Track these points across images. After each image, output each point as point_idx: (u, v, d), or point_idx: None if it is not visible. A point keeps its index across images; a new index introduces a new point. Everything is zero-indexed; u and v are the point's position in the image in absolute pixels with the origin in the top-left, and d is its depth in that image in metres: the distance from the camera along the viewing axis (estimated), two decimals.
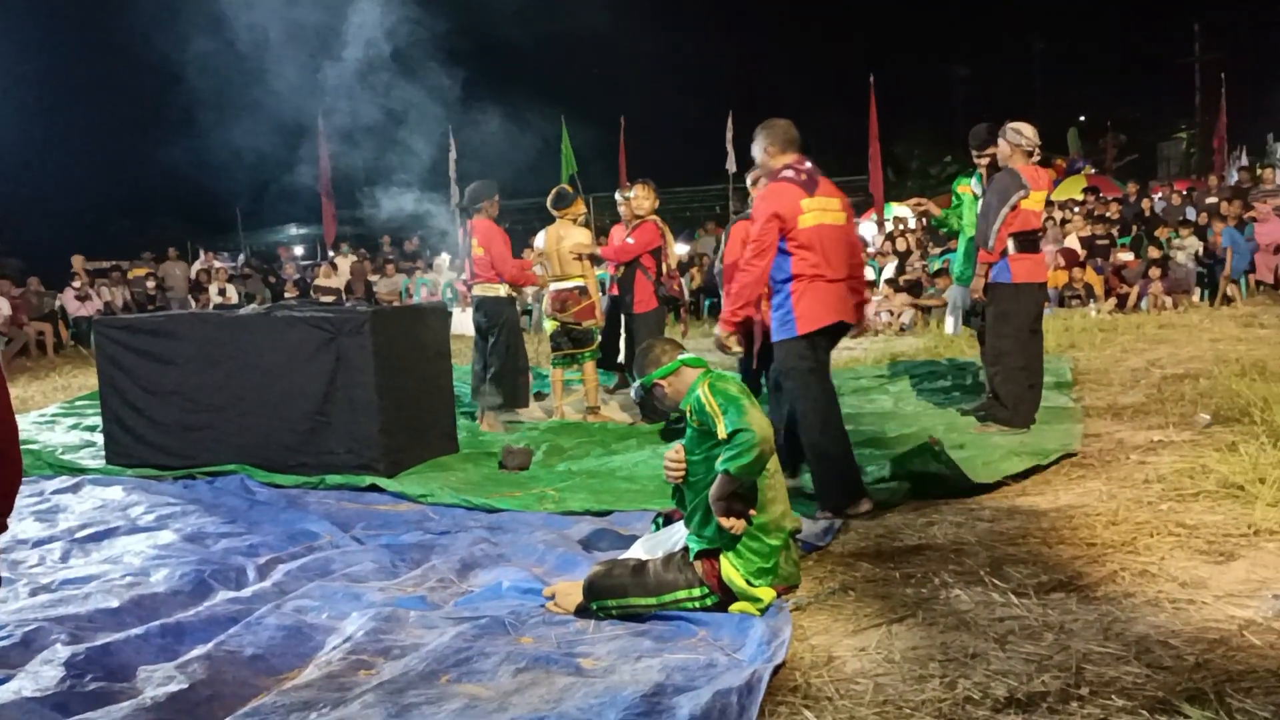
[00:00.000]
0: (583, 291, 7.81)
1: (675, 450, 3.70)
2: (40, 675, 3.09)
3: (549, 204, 8.05)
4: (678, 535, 3.78)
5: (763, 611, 3.47)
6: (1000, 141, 6.46)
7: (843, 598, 3.65)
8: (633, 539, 4.26)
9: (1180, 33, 36.07)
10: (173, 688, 3.00)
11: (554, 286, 7.91)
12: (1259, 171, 18.55)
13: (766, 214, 4.67)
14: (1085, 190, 19.81)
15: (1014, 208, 6.21)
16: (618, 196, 8.34)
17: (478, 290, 7.73)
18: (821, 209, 4.72)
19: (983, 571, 3.77)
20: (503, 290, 7.60)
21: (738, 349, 5.17)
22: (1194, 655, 2.94)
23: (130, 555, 4.64)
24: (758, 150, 4.95)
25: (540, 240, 8.10)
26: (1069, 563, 3.85)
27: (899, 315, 14.09)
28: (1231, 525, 4.11)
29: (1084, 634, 3.16)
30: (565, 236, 7.84)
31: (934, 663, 3.02)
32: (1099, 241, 15.55)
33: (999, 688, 2.81)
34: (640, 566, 3.62)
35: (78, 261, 17.93)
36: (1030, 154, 6.36)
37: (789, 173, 4.76)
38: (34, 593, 4.10)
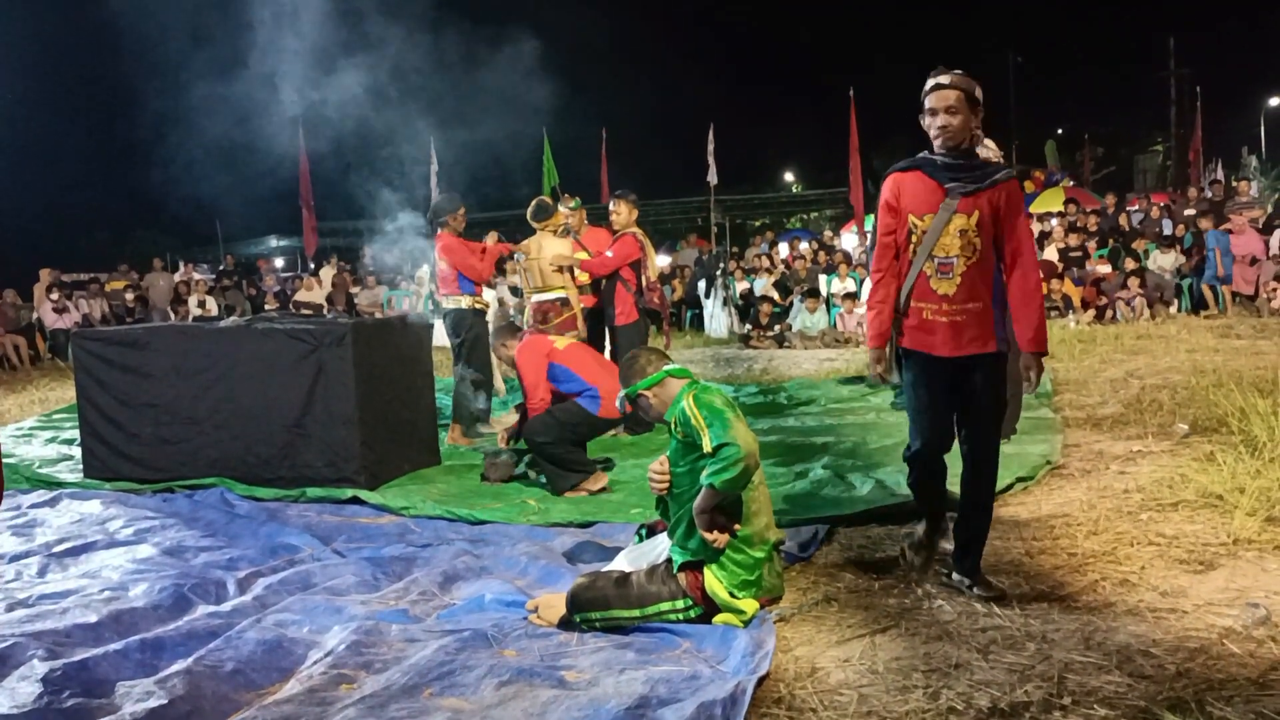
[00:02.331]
0: (564, 303, 7.84)
1: (660, 461, 3.70)
2: (17, 692, 3.06)
3: (529, 216, 8.08)
4: (661, 547, 3.78)
5: (746, 623, 3.47)
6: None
7: (826, 609, 3.65)
8: (616, 551, 4.25)
9: (1155, 47, 36.52)
10: (152, 703, 2.97)
11: (535, 298, 7.94)
12: (1234, 184, 18.75)
13: (535, 370, 5.93)
14: (1067, 202, 19.98)
15: None
16: (562, 208, 8.43)
17: (444, 303, 7.81)
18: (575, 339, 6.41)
19: (965, 582, 3.78)
20: (465, 301, 7.64)
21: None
22: (1175, 664, 2.96)
23: (108, 570, 4.60)
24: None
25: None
26: (1050, 572, 3.87)
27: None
28: (1210, 535, 4.15)
29: (1066, 644, 3.17)
30: (546, 248, 7.87)
31: (917, 673, 3.02)
32: (1072, 253, 15.67)
33: (982, 698, 2.82)
34: (623, 578, 3.61)
35: (45, 274, 17.79)
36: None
37: (527, 331, 6.27)
38: (10, 608, 4.05)
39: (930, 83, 3.64)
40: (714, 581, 3.50)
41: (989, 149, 6.53)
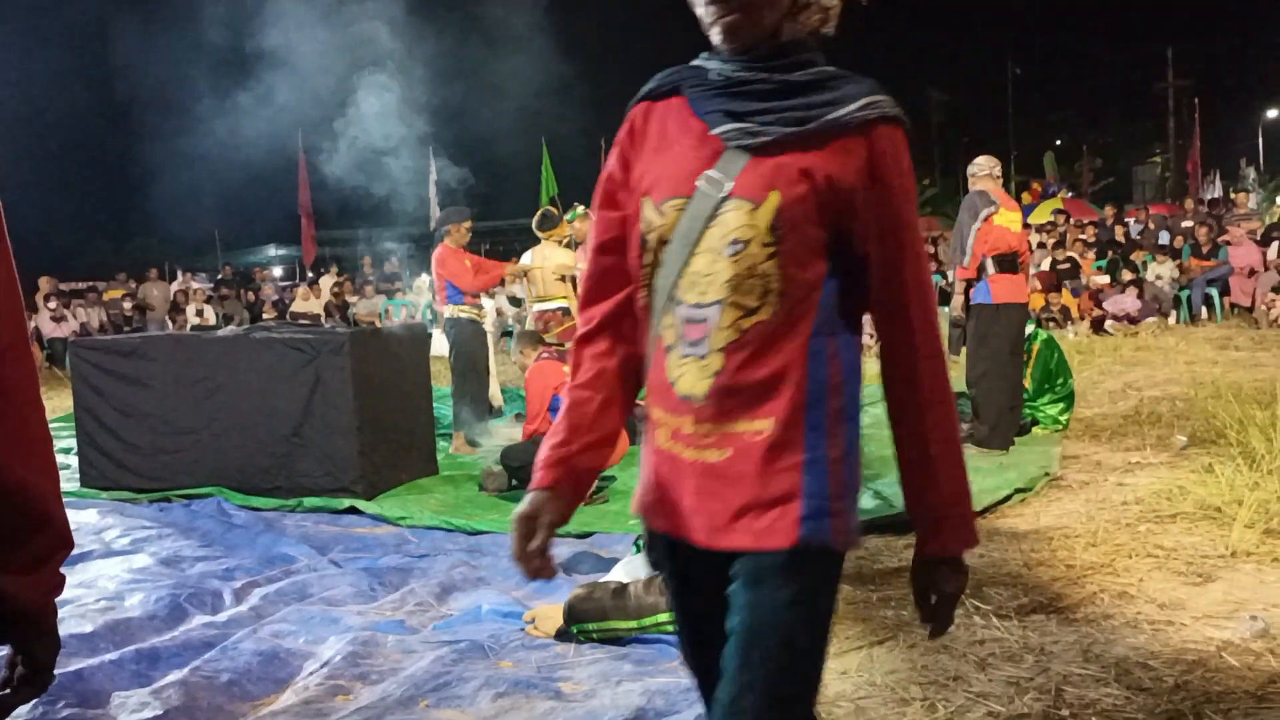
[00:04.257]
0: (565, 312, 7.87)
1: None
2: None
3: (534, 226, 8.15)
4: None
5: None
6: (969, 177, 6.74)
7: None
8: (614, 561, 4.24)
9: (1154, 58, 36.62)
10: (147, 714, 2.96)
11: (537, 308, 7.98)
12: (1232, 196, 18.80)
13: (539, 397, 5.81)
14: (1055, 212, 20.07)
15: (986, 220, 6.34)
16: (568, 216, 8.46)
17: (441, 313, 7.87)
18: None
19: (963, 594, 3.77)
20: (448, 311, 7.68)
21: None
22: (1173, 676, 2.96)
23: (105, 579, 4.58)
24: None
25: (526, 260, 8.21)
26: (1049, 584, 3.87)
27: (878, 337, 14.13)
28: (1209, 547, 4.14)
29: (1064, 656, 3.16)
30: (549, 258, 7.92)
31: (915, 685, 3.01)
32: (1060, 265, 15.68)
33: (979, 710, 2.81)
34: (621, 589, 3.60)
35: (45, 282, 17.80)
36: (997, 178, 6.61)
37: (546, 353, 6.05)
38: None
39: None
40: None
41: (982, 166, 6.66)
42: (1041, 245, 16.88)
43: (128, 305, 18.63)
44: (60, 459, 6.94)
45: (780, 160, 1.47)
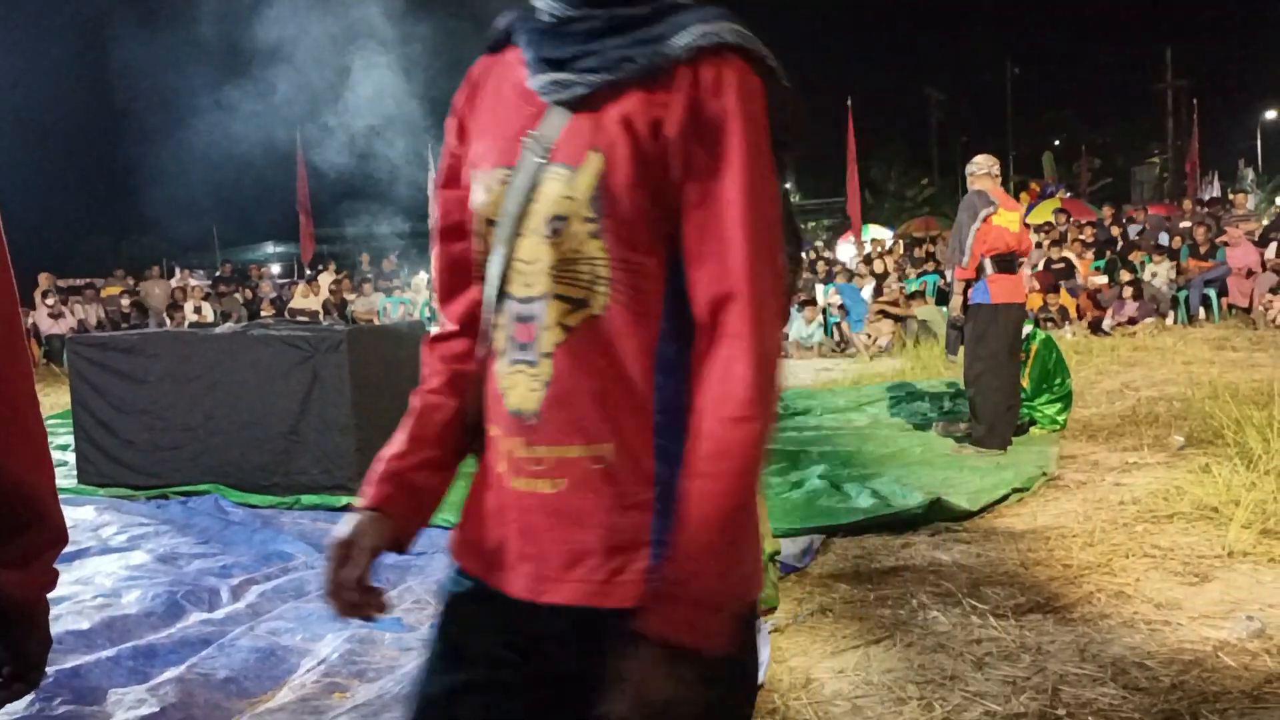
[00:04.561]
0: None
1: None
2: None
3: None
4: None
5: None
6: (968, 176, 6.76)
7: (821, 619, 3.65)
8: None
9: (1152, 59, 36.69)
10: (144, 711, 2.96)
11: None
12: (1230, 196, 18.83)
13: None
14: (1056, 212, 20.10)
15: (984, 220, 6.35)
16: None
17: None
18: None
19: (960, 593, 3.78)
20: None
21: None
22: (1169, 676, 2.96)
23: (101, 576, 4.58)
24: None
25: None
26: (1045, 584, 3.87)
27: (876, 338, 14.16)
28: (1205, 547, 4.14)
29: (1060, 655, 3.17)
30: None
31: (912, 684, 3.02)
32: (1054, 265, 15.69)
33: (976, 709, 2.82)
34: None
35: (44, 279, 17.80)
36: (995, 177, 6.61)
37: None
38: None
39: None
40: None
41: (980, 165, 6.67)
42: (1039, 245, 16.91)
43: (126, 302, 18.64)
44: (57, 455, 6.94)
45: (600, 114, 1.17)
